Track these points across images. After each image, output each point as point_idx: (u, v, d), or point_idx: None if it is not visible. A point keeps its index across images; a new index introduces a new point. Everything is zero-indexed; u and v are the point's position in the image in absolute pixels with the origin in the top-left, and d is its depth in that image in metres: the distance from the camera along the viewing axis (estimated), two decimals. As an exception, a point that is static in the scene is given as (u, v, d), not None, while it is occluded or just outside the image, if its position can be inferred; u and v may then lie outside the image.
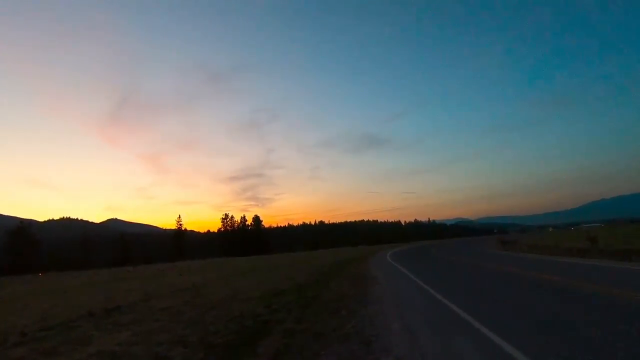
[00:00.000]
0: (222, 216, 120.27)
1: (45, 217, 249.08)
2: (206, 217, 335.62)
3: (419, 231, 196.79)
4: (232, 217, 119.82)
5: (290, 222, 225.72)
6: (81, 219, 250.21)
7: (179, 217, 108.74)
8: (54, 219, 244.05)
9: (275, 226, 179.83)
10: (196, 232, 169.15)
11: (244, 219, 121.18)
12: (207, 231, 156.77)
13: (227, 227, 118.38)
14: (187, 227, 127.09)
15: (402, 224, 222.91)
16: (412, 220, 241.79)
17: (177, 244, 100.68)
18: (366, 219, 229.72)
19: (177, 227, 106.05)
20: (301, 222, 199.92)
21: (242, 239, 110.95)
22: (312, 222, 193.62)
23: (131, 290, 15.61)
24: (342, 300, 9.06)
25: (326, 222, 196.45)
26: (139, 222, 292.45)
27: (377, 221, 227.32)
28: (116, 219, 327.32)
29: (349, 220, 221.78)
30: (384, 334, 5.48)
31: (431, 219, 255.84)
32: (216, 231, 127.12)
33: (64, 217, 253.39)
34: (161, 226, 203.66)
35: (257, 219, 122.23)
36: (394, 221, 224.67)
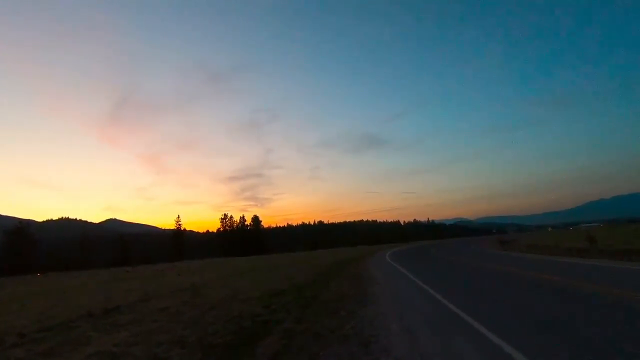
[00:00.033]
0: (222, 216, 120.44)
1: (44, 217, 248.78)
2: (205, 217, 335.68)
3: (418, 231, 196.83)
4: (231, 217, 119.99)
5: (289, 222, 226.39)
6: (80, 219, 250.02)
7: (178, 217, 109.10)
8: (52, 219, 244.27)
9: (274, 226, 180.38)
10: (195, 232, 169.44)
11: (243, 219, 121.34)
12: (207, 231, 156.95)
13: (226, 227, 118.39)
14: (187, 227, 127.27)
15: (402, 224, 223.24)
16: (412, 220, 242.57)
17: (176, 244, 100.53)
18: (365, 219, 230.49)
19: (176, 227, 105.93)
20: (300, 222, 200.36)
21: (241, 239, 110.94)
22: (312, 222, 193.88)
23: (130, 290, 15.56)
24: (341, 300, 9.04)
25: (325, 222, 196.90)
26: (138, 222, 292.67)
27: (377, 221, 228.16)
28: (115, 219, 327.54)
29: (348, 220, 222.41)
30: (383, 335, 5.47)
31: (430, 219, 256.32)
32: (215, 231, 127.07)
33: (62, 217, 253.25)
34: (160, 226, 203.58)
35: (256, 219, 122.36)
36: (393, 221, 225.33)
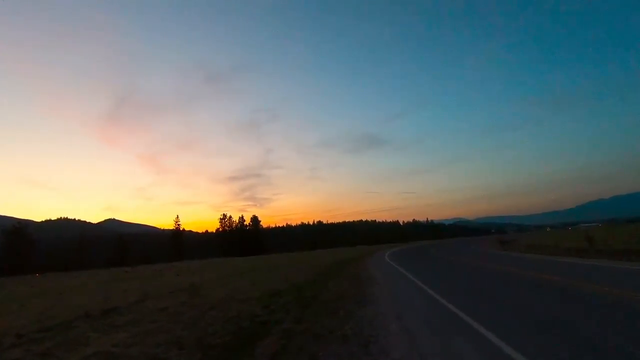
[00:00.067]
0: (221, 216, 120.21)
1: (42, 217, 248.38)
2: (205, 217, 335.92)
3: (417, 231, 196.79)
4: (230, 217, 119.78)
5: (288, 222, 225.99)
6: (79, 219, 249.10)
7: (177, 217, 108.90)
8: (51, 219, 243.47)
9: (273, 226, 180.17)
10: (194, 232, 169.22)
11: (242, 219, 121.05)
12: (206, 231, 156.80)
13: (226, 228, 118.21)
14: (186, 228, 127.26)
15: (401, 224, 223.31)
16: (411, 220, 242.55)
17: (175, 245, 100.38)
18: (365, 219, 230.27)
19: (175, 227, 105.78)
20: (300, 223, 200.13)
21: (240, 239, 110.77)
22: (311, 222, 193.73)
23: (129, 290, 15.52)
24: (340, 300, 9.02)
25: (325, 222, 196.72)
26: (137, 223, 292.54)
27: (376, 221, 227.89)
28: (114, 219, 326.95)
29: (347, 220, 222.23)
30: (382, 335, 5.45)
31: (430, 219, 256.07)
32: (214, 231, 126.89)
33: (61, 217, 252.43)
34: (159, 226, 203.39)
35: (255, 219, 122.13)
36: (392, 221, 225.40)
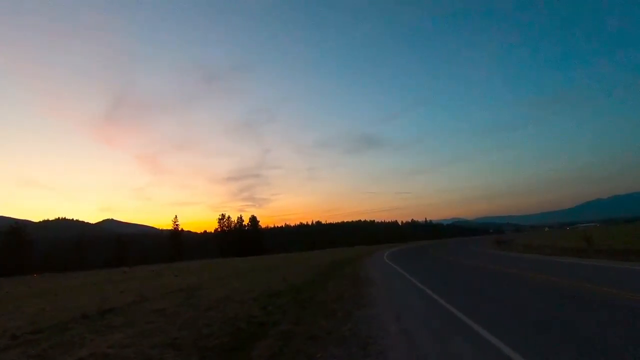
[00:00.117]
0: (219, 217, 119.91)
1: (40, 218, 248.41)
2: (203, 217, 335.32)
3: (416, 231, 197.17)
4: (228, 217, 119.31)
5: (287, 223, 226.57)
6: (77, 220, 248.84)
7: (176, 217, 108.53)
8: (49, 219, 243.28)
9: (272, 227, 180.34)
10: (193, 232, 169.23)
11: (240, 220, 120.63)
12: (204, 232, 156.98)
13: (224, 228, 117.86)
14: (184, 228, 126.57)
15: (399, 224, 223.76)
16: (409, 220, 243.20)
17: (173, 245, 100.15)
18: (363, 219, 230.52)
19: (173, 227, 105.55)
20: (298, 223, 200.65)
21: (238, 240, 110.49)
22: (309, 223, 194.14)
23: (126, 291, 15.45)
24: (338, 301, 8.98)
25: (323, 222, 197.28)
26: (135, 223, 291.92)
27: (375, 221, 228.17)
28: (112, 220, 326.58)
29: (346, 220, 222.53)
30: (380, 336, 5.41)
31: (428, 219, 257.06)
32: (213, 232, 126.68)
33: (59, 218, 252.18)
34: (158, 227, 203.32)
35: (253, 220, 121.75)
36: (391, 221, 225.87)
